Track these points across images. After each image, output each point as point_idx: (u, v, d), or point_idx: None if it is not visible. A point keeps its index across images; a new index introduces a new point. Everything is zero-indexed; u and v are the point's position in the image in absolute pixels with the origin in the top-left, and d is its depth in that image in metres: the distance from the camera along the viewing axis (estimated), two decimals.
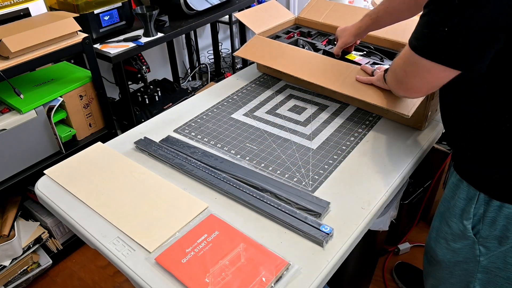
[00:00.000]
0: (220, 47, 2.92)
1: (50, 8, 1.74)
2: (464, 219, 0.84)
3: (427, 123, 1.13)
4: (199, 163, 1.03)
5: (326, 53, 1.35)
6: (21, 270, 1.63)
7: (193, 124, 1.21)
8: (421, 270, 1.61)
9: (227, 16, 2.51)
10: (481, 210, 0.81)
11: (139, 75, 2.08)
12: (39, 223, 1.69)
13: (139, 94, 2.16)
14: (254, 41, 1.38)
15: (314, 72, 1.20)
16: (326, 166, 1.01)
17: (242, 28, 2.62)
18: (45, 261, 1.71)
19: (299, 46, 1.41)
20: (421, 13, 0.73)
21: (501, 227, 0.79)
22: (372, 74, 1.11)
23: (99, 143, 1.13)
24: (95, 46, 1.71)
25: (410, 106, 1.03)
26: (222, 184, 0.96)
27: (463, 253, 0.88)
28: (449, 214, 0.89)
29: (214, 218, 0.87)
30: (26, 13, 1.57)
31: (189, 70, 2.91)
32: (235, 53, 1.39)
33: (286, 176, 0.99)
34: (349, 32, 1.23)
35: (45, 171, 1.04)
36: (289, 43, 1.39)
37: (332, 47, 1.38)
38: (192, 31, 2.76)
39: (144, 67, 2.05)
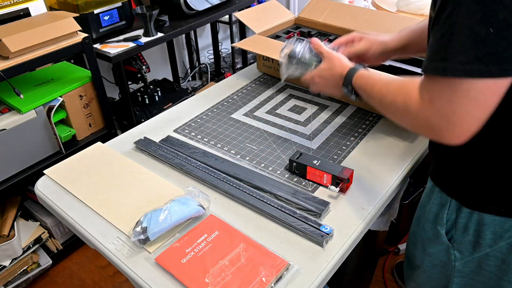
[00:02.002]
0: (220, 47, 2.92)
1: (50, 8, 1.74)
2: (438, 224, 0.83)
3: None
4: (199, 163, 1.03)
5: None
6: (21, 270, 1.63)
7: (193, 124, 1.21)
8: None
9: (227, 16, 2.51)
10: (453, 216, 0.80)
11: (139, 75, 2.08)
12: (39, 223, 1.69)
13: (139, 94, 2.16)
14: (255, 38, 1.38)
15: None
16: None
17: (242, 28, 2.62)
18: (45, 261, 1.71)
19: None
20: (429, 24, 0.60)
21: (473, 232, 0.77)
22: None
23: (99, 143, 1.13)
24: (95, 46, 1.71)
25: None
26: (222, 184, 0.96)
27: (439, 257, 0.86)
28: (425, 219, 0.87)
29: (214, 218, 0.87)
30: (26, 13, 1.57)
31: (189, 70, 2.91)
32: (234, 44, 1.38)
33: (286, 176, 0.99)
34: (386, 43, 0.98)
35: (45, 171, 1.04)
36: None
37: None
38: (192, 31, 2.76)
39: (144, 67, 2.05)
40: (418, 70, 1.19)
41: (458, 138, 0.60)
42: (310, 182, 0.97)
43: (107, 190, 0.96)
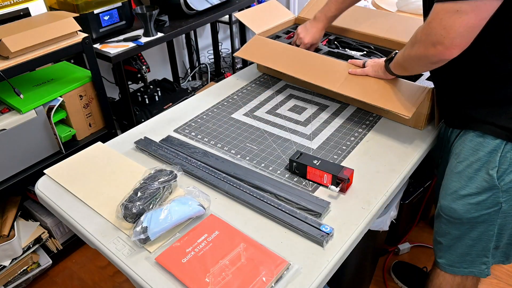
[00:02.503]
0: (220, 47, 2.92)
1: (50, 8, 1.74)
2: (490, 168, 0.91)
3: (427, 123, 1.13)
4: (199, 163, 1.03)
5: (329, 53, 1.35)
6: (21, 270, 1.63)
7: (193, 124, 1.21)
8: (419, 268, 1.61)
9: (227, 16, 2.51)
10: (505, 158, 0.89)
11: (139, 75, 2.08)
12: (39, 223, 1.69)
13: (139, 94, 2.16)
14: (254, 42, 1.38)
15: (314, 73, 1.20)
16: None
17: (242, 28, 2.62)
18: (45, 261, 1.70)
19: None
20: None
21: None
22: (363, 66, 1.13)
23: (99, 143, 1.13)
24: (95, 46, 1.71)
25: (410, 106, 1.03)
26: (222, 184, 0.96)
27: (487, 204, 0.94)
28: (471, 169, 0.94)
29: (214, 218, 0.87)
30: (26, 13, 1.57)
31: (189, 70, 2.91)
32: (235, 54, 1.39)
33: (286, 176, 0.99)
34: (317, 37, 1.36)
35: (45, 171, 1.04)
36: (289, 43, 1.39)
37: (334, 48, 1.38)
38: (192, 31, 2.76)
39: (144, 67, 2.05)
40: None
41: (457, 46, 0.77)
42: (310, 182, 0.97)
43: (107, 190, 0.96)
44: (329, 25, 1.36)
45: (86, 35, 1.50)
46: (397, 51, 1.02)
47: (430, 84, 1.10)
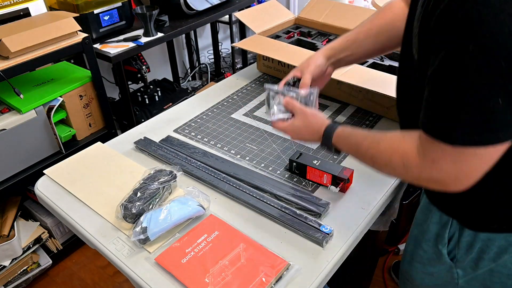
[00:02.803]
0: (220, 47, 2.92)
1: (50, 8, 1.74)
2: (439, 244, 0.80)
3: None
4: (199, 163, 1.03)
5: None
6: (21, 270, 1.63)
7: (193, 124, 1.21)
8: None
9: (227, 16, 2.51)
10: (456, 235, 0.77)
11: (139, 75, 2.08)
12: (39, 223, 1.69)
13: (139, 94, 2.16)
14: (254, 37, 1.38)
15: None
16: None
17: (242, 28, 2.62)
18: (45, 261, 1.71)
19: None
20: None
21: (477, 250, 0.74)
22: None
23: (99, 143, 1.13)
24: (95, 46, 1.71)
25: None
26: (222, 184, 0.96)
27: (441, 277, 0.83)
28: (423, 238, 0.84)
29: (214, 218, 0.87)
30: (26, 13, 1.57)
31: (189, 70, 2.91)
32: (234, 44, 1.38)
33: (286, 176, 0.99)
34: (317, 55, 0.94)
35: (45, 171, 1.04)
36: (289, 43, 1.38)
37: None
38: (192, 31, 2.76)
39: (144, 67, 2.05)
40: None
41: (464, 187, 0.60)
42: (310, 182, 0.97)
43: (107, 190, 0.96)
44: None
45: (86, 35, 1.50)
46: (339, 125, 0.79)
47: None
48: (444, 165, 0.58)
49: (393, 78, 1.06)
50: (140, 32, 1.84)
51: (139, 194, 0.87)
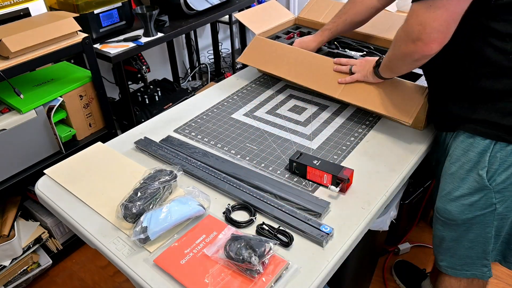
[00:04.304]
0: (220, 47, 2.92)
1: (50, 8, 1.74)
2: (480, 169, 0.90)
3: (427, 123, 1.13)
4: (199, 163, 1.03)
5: (329, 54, 1.35)
6: (21, 270, 1.63)
7: (193, 124, 1.21)
8: (420, 269, 1.61)
9: (227, 16, 2.51)
10: (495, 158, 0.88)
11: (139, 75, 2.08)
12: (39, 223, 1.69)
13: (139, 94, 2.16)
14: (255, 43, 1.38)
15: (315, 79, 1.20)
16: None
17: (242, 28, 2.62)
18: (45, 261, 1.71)
19: None
20: None
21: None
22: (350, 71, 1.14)
23: (99, 143, 1.13)
24: (95, 46, 1.71)
25: (410, 111, 1.03)
26: (222, 184, 0.96)
27: (480, 204, 0.93)
28: (463, 170, 0.94)
29: (212, 219, 0.87)
30: (26, 13, 1.57)
31: (189, 70, 2.91)
32: (238, 60, 1.39)
33: (286, 176, 0.99)
34: (310, 47, 1.33)
35: (45, 171, 1.04)
36: (289, 44, 1.38)
37: (334, 48, 1.38)
38: (192, 31, 2.76)
39: (144, 67, 2.05)
40: (420, 71, 1.20)
41: (435, 41, 0.79)
42: (310, 182, 0.97)
43: (107, 190, 0.96)
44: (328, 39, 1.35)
45: (86, 35, 1.50)
46: (383, 56, 1.03)
47: None
48: (412, 19, 0.81)
49: (389, 91, 1.07)
50: (140, 32, 1.84)
51: (139, 193, 0.87)
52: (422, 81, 1.15)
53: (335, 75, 1.17)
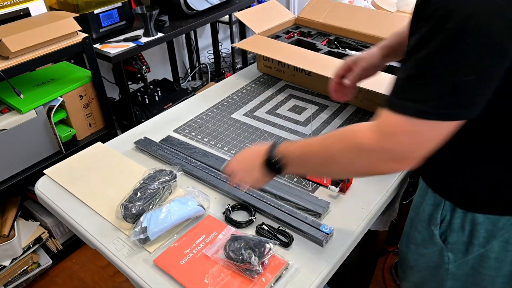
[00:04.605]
0: (220, 47, 2.92)
1: (50, 8, 1.74)
2: (432, 225, 0.83)
3: None
4: (199, 163, 1.03)
5: (329, 53, 1.35)
6: (21, 270, 1.63)
7: (193, 124, 1.21)
8: None
9: (227, 16, 2.51)
10: (448, 217, 0.79)
11: (139, 75, 2.08)
12: (39, 223, 1.69)
13: (139, 94, 2.16)
14: (255, 38, 1.38)
15: (314, 65, 1.19)
16: None
17: (242, 28, 2.61)
18: (45, 261, 1.71)
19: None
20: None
21: (467, 232, 0.77)
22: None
23: (99, 143, 1.13)
24: (95, 46, 1.71)
25: None
26: (222, 184, 0.96)
27: (433, 259, 0.86)
28: (418, 219, 0.87)
29: (212, 219, 0.87)
30: (26, 13, 1.57)
31: (189, 70, 2.91)
32: (234, 44, 1.38)
33: (286, 176, 0.99)
34: (372, 53, 0.94)
35: (45, 171, 1.04)
36: (289, 43, 1.38)
37: (334, 48, 1.38)
38: (192, 31, 2.76)
39: (144, 67, 2.05)
40: None
41: (418, 161, 0.60)
42: (310, 182, 0.97)
43: (107, 190, 0.96)
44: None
45: (86, 35, 1.50)
46: (282, 140, 0.81)
47: None
48: (403, 137, 0.59)
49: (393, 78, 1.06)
50: (140, 32, 1.84)
51: (139, 194, 0.87)
52: None
53: (333, 64, 1.17)
